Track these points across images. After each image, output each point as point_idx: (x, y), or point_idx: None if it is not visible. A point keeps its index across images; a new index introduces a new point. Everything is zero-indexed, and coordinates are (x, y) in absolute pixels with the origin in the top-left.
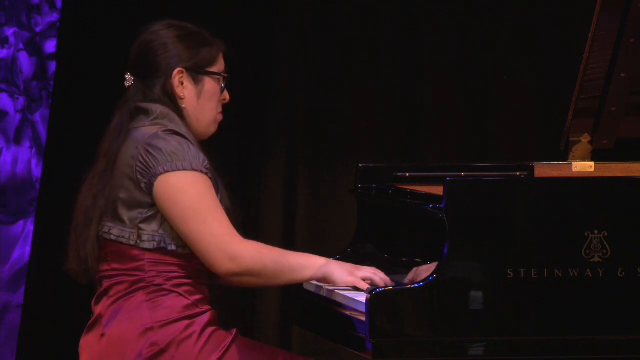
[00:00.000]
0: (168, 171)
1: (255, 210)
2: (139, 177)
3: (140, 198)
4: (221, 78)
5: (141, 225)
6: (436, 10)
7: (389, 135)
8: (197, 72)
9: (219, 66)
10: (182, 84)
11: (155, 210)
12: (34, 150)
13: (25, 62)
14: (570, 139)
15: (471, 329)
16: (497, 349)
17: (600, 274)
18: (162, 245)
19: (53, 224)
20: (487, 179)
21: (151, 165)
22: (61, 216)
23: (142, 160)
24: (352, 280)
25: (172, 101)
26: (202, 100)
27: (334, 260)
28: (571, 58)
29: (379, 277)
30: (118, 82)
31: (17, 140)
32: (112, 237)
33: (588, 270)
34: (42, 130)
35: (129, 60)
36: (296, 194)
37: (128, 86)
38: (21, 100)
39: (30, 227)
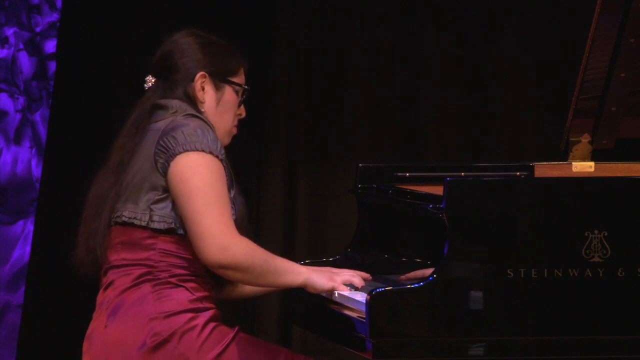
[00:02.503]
0: (187, 151)
1: (255, 209)
2: (157, 157)
3: (155, 181)
4: (241, 90)
5: (153, 206)
6: (437, 10)
7: (389, 135)
8: (219, 79)
9: (240, 79)
10: (204, 88)
11: (168, 193)
12: (34, 150)
13: (25, 62)
14: (570, 139)
15: (471, 329)
16: (497, 349)
17: (600, 274)
18: (173, 226)
19: (53, 224)
20: (487, 179)
21: (170, 146)
22: (61, 216)
23: (163, 143)
24: (332, 286)
25: (192, 104)
26: (220, 108)
27: (314, 268)
28: (571, 58)
29: (358, 279)
30: (118, 81)
31: (17, 140)
32: (124, 219)
33: (588, 270)
34: (42, 130)
35: (151, 63)
36: (296, 193)
37: (148, 87)
38: (21, 100)
39: (30, 227)
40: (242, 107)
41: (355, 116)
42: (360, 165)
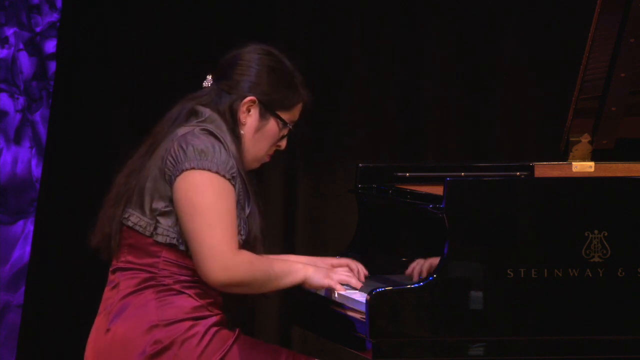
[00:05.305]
0: (193, 168)
1: None
2: (166, 169)
3: (163, 190)
4: (286, 127)
5: (159, 218)
6: (437, 10)
7: (389, 135)
8: (267, 109)
9: (292, 115)
10: (249, 111)
11: (173, 206)
12: (34, 150)
13: (25, 62)
14: (570, 139)
15: (471, 329)
16: (497, 349)
17: (600, 274)
18: (174, 242)
19: (53, 224)
20: (487, 179)
21: (179, 160)
22: (61, 216)
23: (173, 154)
24: (328, 283)
25: (233, 120)
26: (258, 135)
27: (310, 265)
28: (571, 58)
29: (355, 280)
30: (118, 82)
31: (17, 140)
32: (130, 224)
33: (588, 270)
34: (42, 130)
35: (216, 63)
36: (296, 194)
37: (204, 86)
38: (21, 100)
39: (30, 227)
40: (284, 140)
41: (355, 116)
42: (360, 165)
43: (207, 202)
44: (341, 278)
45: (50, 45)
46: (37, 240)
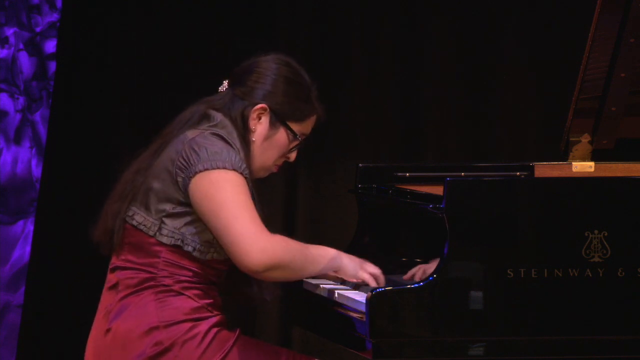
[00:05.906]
0: (207, 169)
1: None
2: (177, 171)
3: (171, 192)
4: (296, 139)
5: (165, 219)
6: (437, 10)
7: (389, 135)
8: (277, 118)
9: (304, 127)
10: (260, 118)
11: (182, 209)
12: (34, 150)
13: (25, 62)
14: (570, 139)
15: (471, 329)
16: (497, 349)
17: (600, 274)
18: (179, 244)
19: (53, 224)
20: (487, 179)
21: (192, 162)
22: (61, 216)
23: (185, 156)
24: (361, 275)
25: (243, 126)
26: (266, 143)
27: (343, 253)
28: (571, 58)
29: (383, 278)
30: (118, 82)
31: (17, 140)
32: (134, 223)
33: (588, 270)
34: (42, 130)
35: (233, 69)
36: (296, 194)
37: (219, 91)
38: (21, 100)
39: (30, 227)
40: (294, 152)
41: (355, 116)
42: (360, 165)
43: (229, 195)
44: (374, 271)
45: (50, 45)
46: (37, 240)
